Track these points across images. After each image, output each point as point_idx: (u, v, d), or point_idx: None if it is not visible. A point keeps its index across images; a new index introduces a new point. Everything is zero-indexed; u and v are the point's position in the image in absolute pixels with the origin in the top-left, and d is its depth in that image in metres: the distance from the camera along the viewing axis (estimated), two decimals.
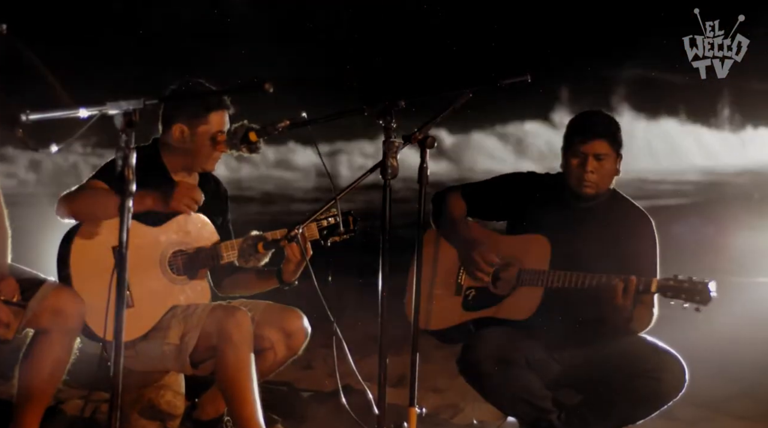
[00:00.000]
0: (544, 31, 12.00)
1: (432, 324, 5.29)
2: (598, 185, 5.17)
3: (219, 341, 4.84)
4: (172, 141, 5.04)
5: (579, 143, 5.16)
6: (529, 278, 5.13)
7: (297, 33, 11.28)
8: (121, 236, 3.83)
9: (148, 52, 10.92)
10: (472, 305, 5.25)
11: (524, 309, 5.12)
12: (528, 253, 5.16)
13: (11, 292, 4.60)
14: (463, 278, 5.30)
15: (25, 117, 3.95)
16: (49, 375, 4.67)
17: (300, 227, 4.92)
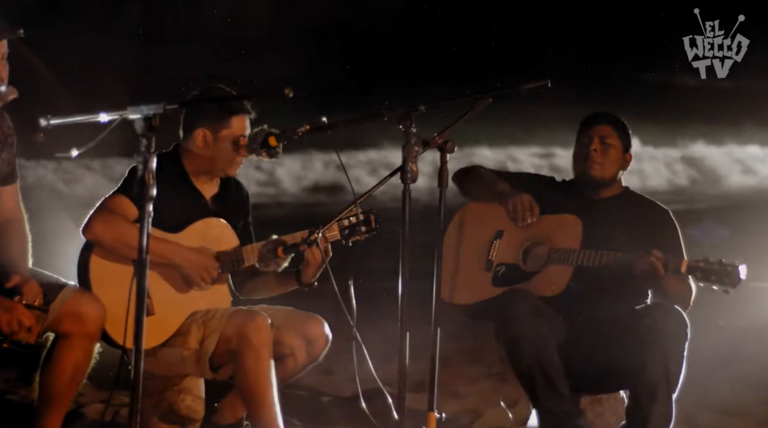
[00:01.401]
0: (544, 31, 11.98)
1: (459, 298, 5.30)
2: (603, 167, 5.28)
3: (239, 345, 4.84)
4: (195, 146, 5.04)
5: (586, 128, 5.34)
6: (560, 256, 5.17)
7: (296, 33, 11.29)
8: (141, 242, 3.84)
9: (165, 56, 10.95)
10: (502, 280, 5.28)
11: (553, 286, 5.16)
12: (560, 232, 5.22)
13: (34, 296, 4.61)
14: (494, 254, 5.33)
15: (46, 122, 3.97)
16: (70, 379, 4.68)
17: (319, 231, 4.92)
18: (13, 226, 4.78)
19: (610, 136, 5.30)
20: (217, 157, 5.03)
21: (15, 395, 5.99)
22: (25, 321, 4.53)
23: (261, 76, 8.66)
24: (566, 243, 5.19)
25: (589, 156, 5.27)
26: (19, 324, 4.52)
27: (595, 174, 5.28)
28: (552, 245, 5.22)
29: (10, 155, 4.76)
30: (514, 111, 9.77)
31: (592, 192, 5.34)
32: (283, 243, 4.96)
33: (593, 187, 5.33)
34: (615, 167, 5.31)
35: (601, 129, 5.31)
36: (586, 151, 5.29)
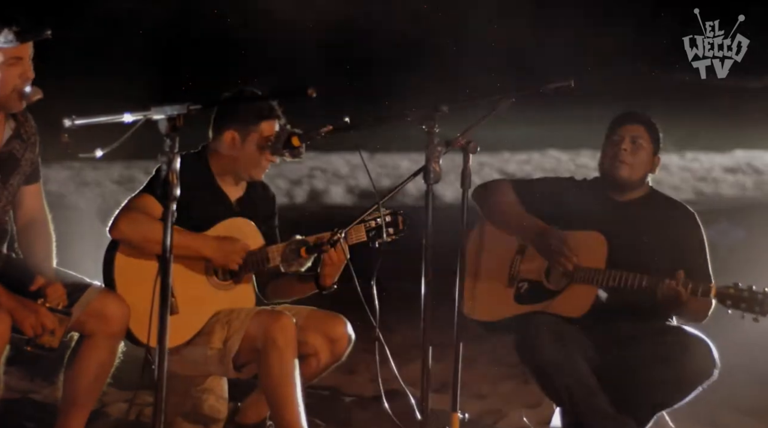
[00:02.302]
0: (543, 32, 11.94)
1: (481, 314, 5.27)
2: (632, 168, 5.20)
3: (263, 345, 4.85)
4: (222, 147, 5.06)
5: (616, 127, 5.25)
6: (584, 275, 5.10)
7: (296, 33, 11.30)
8: (165, 241, 3.85)
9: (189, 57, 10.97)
10: (524, 298, 5.24)
11: (577, 307, 5.10)
12: (584, 250, 5.14)
13: (57, 298, 4.63)
14: (517, 270, 5.29)
15: (71, 122, 3.99)
16: (94, 378, 4.69)
17: (342, 232, 4.93)
18: (37, 226, 4.81)
19: (642, 136, 5.21)
20: (242, 158, 5.04)
21: (39, 394, 6.01)
22: (48, 324, 4.55)
23: (259, 76, 8.68)
24: (590, 262, 5.11)
25: (618, 156, 5.20)
26: (43, 328, 4.54)
27: (623, 175, 5.20)
28: (576, 262, 5.14)
29: (33, 155, 4.78)
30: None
31: (618, 194, 5.26)
32: (306, 243, 4.97)
33: (619, 188, 5.25)
34: (643, 169, 5.24)
35: (633, 128, 5.23)
36: (616, 150, 5.21)
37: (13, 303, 4.50)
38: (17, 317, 4.49)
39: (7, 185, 4.69)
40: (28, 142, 4.75)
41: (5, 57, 4.50)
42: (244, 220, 5.08)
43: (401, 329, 5.73)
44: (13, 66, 4.52)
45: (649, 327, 5.10)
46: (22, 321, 4.50)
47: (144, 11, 9.79)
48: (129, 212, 4.87)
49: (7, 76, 4.53)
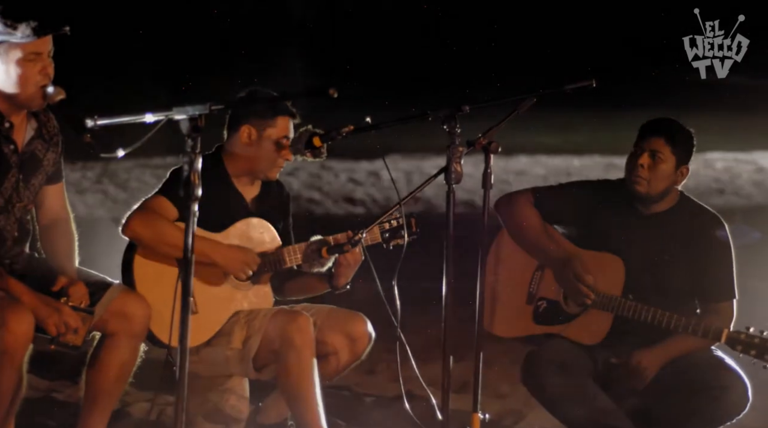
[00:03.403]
0: (543, 32, 11.91)
1: (500, 330, 5.25)
2: (649, 183, 5.08)
3: (281, 345, 4.86)
4: (238, 145, 5.06)
5: (640, 138, 5.13)
6: (601, 301, 5.06)
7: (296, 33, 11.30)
8: (186, 241, 3.86)
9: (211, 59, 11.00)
10: (542, 318, 5.20)
11: (593, 334, 5.07)
12: (601, 273, 5.08)
13: (80, 297, 4.64)
14: (536, 287, 5.26)
15: (93, 122, 4.00)
16: (116, 378, 4.70)
17: (364, 232, 4.93)
18: (59, 226, 4.82)
19: (662, 150, 5.05)
20: (259, 157, 5.05)
21: (61, 394, 6.03)
22: (71, 322, 4.56)
23: (261, 77, 8.71)
24: (607, 286, 5.06)
25: (634, 171, 5.08)
26: (66, 326, 4.55)
27: (639, 190, 5.08)
28: (594, 285, 5.08)
29: (56, 154, 4.80)
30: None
31: (643, 205, 5.16)
32: (327, 244, 4.98)
33: (640, 202, 5.15)
34: (663, 184, 5.09)
35: (654, 142, 5.06)
36: (633, 164, 5.09)
37: (36, 302, 4.52)
38: (40, 315, 4.50)
39: (29, 184, 4.70)
40: (51, 142, 4.76)
41: (24, 53, 4.51)
42: (259, 221, 5.09)
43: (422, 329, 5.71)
44: (33, 62, 4.52)
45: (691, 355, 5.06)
46: (46, 319, 4.51)
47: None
48: (142, 212, 4.88)
49: (27, 73, 4.53)
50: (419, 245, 5.07)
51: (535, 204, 5.25)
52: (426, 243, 5.09)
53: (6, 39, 4.49)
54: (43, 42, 4.54)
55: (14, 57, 4.51)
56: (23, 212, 4.71)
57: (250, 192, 5.15)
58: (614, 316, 5.04)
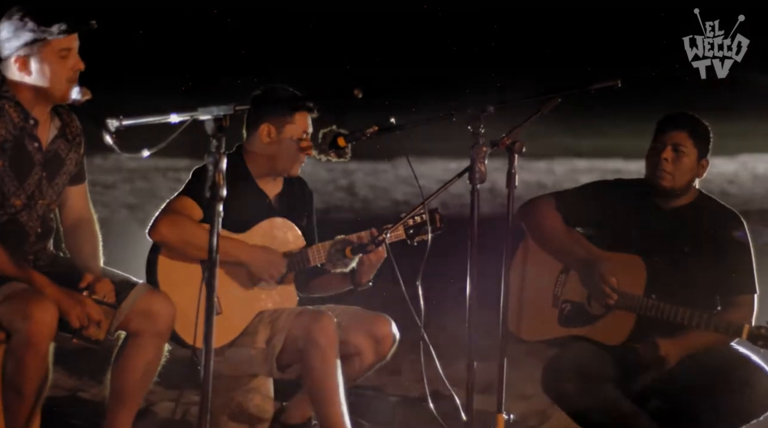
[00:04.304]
0: (543, 32, 11.87)
1: (526, 334, 5.24)
2: (674, 177, 5.09)
3: (305, 345, 4.86)
4: (259, 144, 5.07)
5: (660, 133, 5.14)
6: (623, 301, 5.05)
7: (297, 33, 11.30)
8: (211, 242, 3.87)
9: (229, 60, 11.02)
10: (568, 320, 5.19)
11: (617, 335, 5.06)
12: (623, 274, 5.07)
13: (105, 293, 4.66)
14: (561, 290, 5.26)
15: (118, 122, 4.02)
16: (141, 377, 4.71)
17: (388, 231, 4.93)
18: (83, 226, 4.84)
19: (685, 143, 5.08)
20: (280, 154, 5.06)
21: (87, 393, 6.06)
22: (94, 315, 4.57)
23: (261, 77, 8.73)
24: (629, 288, 5.05)
25: (659, 165, 5.09)
26: (89, 319, 4.56)
27: (664, 185, 5.09)
28: (616, 290, 5.07)
29: (78, 155, 4.82)
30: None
31: (662, 201, 5.17)
32: (351, 243, 4.98)
33: (662, 196, 5.16)
34: (687, 177, 5.11)
35: (676, 135, 5.08)
36: (657, 159, 5.10)
37: (59, 294, 4.54)
38: (63, 307, 4.52)
39: (52, 183, 4.72)
40: (73, 142, 4.79)
41: (57, 49, 4.57)
42: (283, 220, 5.10)
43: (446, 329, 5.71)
44: (65, 59, 4.58)
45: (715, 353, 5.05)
46: (68, 310, 4.53)
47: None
48: (169, 215, 4.89)
49: (60, 69, 4.59)
50: (443, 245, 5.06)
51: (557, 208, 5.24)
52: (450, 243, 5.09)
53: (41, 36, 4.54)
54: (73, 38, 4.60)
55: (48, 53, 4.57)
56: (46, 210, 4.74)
57: (272, 190, 5.16)
58: (637, 316, 5.03)
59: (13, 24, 4.57)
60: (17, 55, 4.58)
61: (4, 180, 4.61)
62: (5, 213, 4.63)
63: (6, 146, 4.59)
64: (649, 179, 5.15)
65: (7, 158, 4.59)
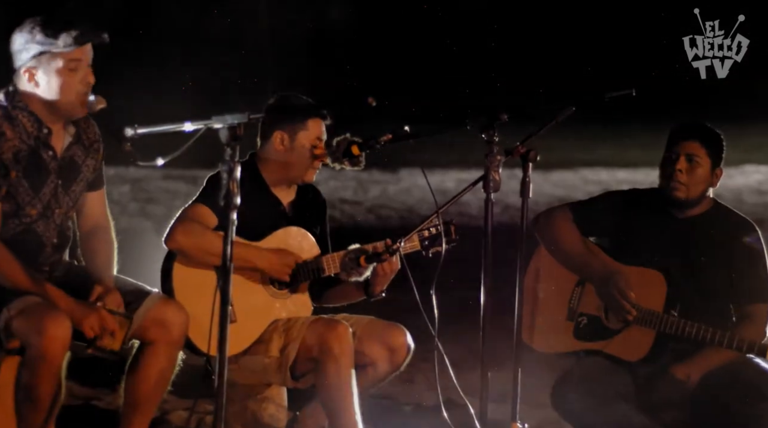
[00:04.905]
0: (543, 31, 11.86)
1: (540, 346, 5.23)
2: (688, 188, 5.08)
3: (320, 354, 4.86)
4: (272, 151, 5.08)
5: (673, 144, 5.12)
6: (642, 317, 5.03)
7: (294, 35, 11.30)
8: (225, 250, 3.87)
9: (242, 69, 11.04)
10: (583, 334, 5.18)
11: (635, 350, 5.05)
12: (643, 289, 5.05)
13: (116, 304, 4.66)
14: (576, 303, 5.24)
15: (133, 131, 4.03)
16: (155, 385, 4.71)
17: (402, 241, 4.93)
18: (99, 233, 4.84)
19: (698, 153, 5.07)
20: (294, 161, 5.06)
21: (101, 401, 6.06)
22: (108, 324, 4.58)
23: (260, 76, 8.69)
24: (649, 303, 5.03)
25: (673, 176, 5.07)
26: (103, 329, 4.57)
27: (679, 196, 5.08)
28: (635, 301, 5.06)
29: (96, 161, 4.83)
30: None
31: (677, 210, 5.15)
32: (366, 252, 4.98)
33: (677, 206, 5.14)
34: (701, 187, 5.10)
35: (689, 146, 5.07)
36: (671, 170, 5.08)
37: (72, 306, 4.54)
38: (76, 318, 4.52)
39: (69, 191, 4.73)
40: (90, 148, 4.80)
41: (65, 62, 4.56)
42: (298, 229, 5.10)
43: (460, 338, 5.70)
44: (74, 71, 4.57)
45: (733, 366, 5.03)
46: (82, 321, 4.53)
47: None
48: (184, 223, 4.90)
49: (69, 82, 4.58)
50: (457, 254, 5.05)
51: (573, 219, 5.23)
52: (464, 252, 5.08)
53: (47, 49, 4.54)
54: (83, 51, 4.58)
55: (55, 66, 4.56)
56: (63, 219, 4.74)
57: (286, 197, 5.17)
58: (656, 332, 5.01)
59: (24, 36, 4.57)
60: (26, 66, 4.58)
61: (19, 190, 4.61)
62: (21, 223, 4.64)
63: (20, 156, 4.60)
64: (664, 189, 5.14)
65: (21, 168, 4.60)
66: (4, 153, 4.55)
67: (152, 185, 12.54)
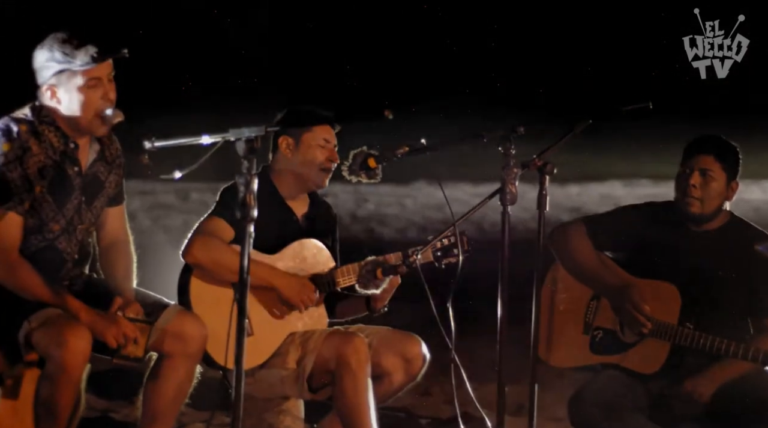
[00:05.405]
0: (543, 31, 11.81)
1: (556, 360, 5.22)
2: (703, 203, 5.07)
3: (337, 366, 4.86)
4: (282, 159, 5.11)
5: (687, 158, 5.11)
6: (657, 329, 5.02)
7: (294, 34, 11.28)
8: (242, 263, 3.88)
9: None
10: (599, 347, 5.17)
11: (651, 363, 5.04)
12: (658, 302, 5.05)
13: (135, 313, 4.67)
14: (592, 317, 5.23)
15: (151, 144, 4.04)
16: (172, 398, 4.71)
17: (418, 252, 4.92)
18: (118, 247, 4.85)
19: (713, 168, 5.05)
20: (304, 163, 5.08)
21: (118, 413, 6.07)
22: (130, 333, 4.58)
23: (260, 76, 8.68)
24: (663, 315, 5.03)
25: (687, 191, 5.07)
26: (125, 338, 4.57)
27: (693, 211, 5.07)
28: (650, 318, 5.04)
29: (118, 177, 4.84)
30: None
31: (694, 224, 5.13)
32: (382, 265, 4.98)
33: (693, 221, 5.12)
34: (716, 202, 5.09)
35: (703, 160, 5.05)
36: (685, 185, 5.07)
37: (92, 317, 4.55)
38: (98, 329, 4.53)
39: (91, 207, 4.74)
40: (113, 164, 4.81)
41: (84, 79, 4.56)
42: (312, 242, 5.11)
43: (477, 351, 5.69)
44: (94, 88, 4.57)
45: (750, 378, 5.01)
46: (104, 332, 4.54)
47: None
48: (201, 237, 4.91)
49: (89, 99, 4.57)
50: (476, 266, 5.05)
51: (588, 234, 5.22)
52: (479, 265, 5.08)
53: (67, 67, 4.54)
54: (103, 67, 4.58)
55: (76, 84, 4.56)
56: (85, 234, 4.76)
57: (300, 209, 5.18)
58: (672, 345, 5.00)
59: (44, 53, 4.56)
60: (48, 84, 4.58)
61: (43, 206, 4.61)
62: (44, 239, 4.65)
63: (45, 172, 4.60)
64: (679, 203, 5.13)
65: (47, 183, 4.60)
66: (30, 168, 4.56)
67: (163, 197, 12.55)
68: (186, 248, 4.91)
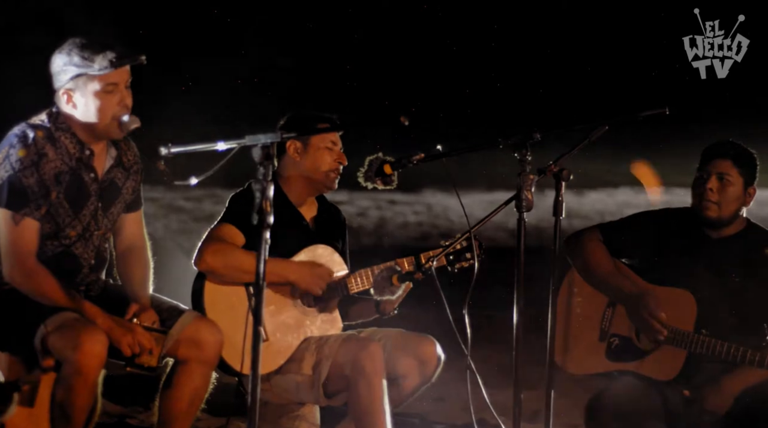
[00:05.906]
0: (543, 31, 11.76)
1: (573, 368, 5.22)
2: (720, 207, 5.06)
3: (352, 372, 4.86)
4: (290, 163, 5.12)
5: (705, 162, 5.11)
6: (674, 337, 5.02)
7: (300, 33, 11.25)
8: (258, 268, 3.88)
9: None
10: (615, 354, 5.17)
11: (667, 370, 5.03)
12: (674, 309, 5.04)
13: (151, 321, 4.68)
14: (608, 324, 5.22)
15: (167, 150, 4.04)
16: (189, 404, 4.72)
17: (434, 259, 4.92)
18: (135, 253, 4.87)
19: (730, 172, 5.05)
20: (311, 165, 5.10)
21: (134, 419, 6.08)
22: (145, 342, 4.59)
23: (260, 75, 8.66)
24: (679, 323, 5.02)
25: (704, 195, 5.07)
26: (140, 347, 4.58)
27: (710, 215, 5.07)
28: (666, 325, 5.04)
29: (135, 183, 4.85)
30: None
31: (710, 230, 5.13)
32: (397, 271, 4.98)
33: (710, 226, 5.13)
34: (733, 206, 5.08)
35: (720, 164, 5.06)
36: (702, 189, 5.07)
37: (109, 323, 4.56)
38: (114, 336, 4.54)
39: (108, 213, 4.76)
40: (130, 170, 4.82)
41: (102, 85, 4.57)
42: (324, 247, 5.11)
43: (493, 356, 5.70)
44: (111, 94, 4.58)
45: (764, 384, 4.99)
46: (119, 339, 4.55)
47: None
48: (212, 243, 4.92)
49: (106, 105, 4.59)
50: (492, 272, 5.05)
51: (603, 241, 5.22)
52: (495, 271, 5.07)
53: (84, 72, 4.55)
54: (120, 73, 4.59)
55: (92, 89, 4.58)
56: (101, 240, 4.77)
57: (309, 213, 5.20)
58: (688, 352, 4.99)
59: (63, 57, 4.59)
60: (65, 88, 4.60)
61: (59, 211, 4.63)
62: (60, 244, 4.67)
63: (61, 178, 4.61)
64: (696, 208, 5.12)
65: (62, 189, 4.62)
66: (46, 174, 4.57)
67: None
68: (198, 257, 4.92)
